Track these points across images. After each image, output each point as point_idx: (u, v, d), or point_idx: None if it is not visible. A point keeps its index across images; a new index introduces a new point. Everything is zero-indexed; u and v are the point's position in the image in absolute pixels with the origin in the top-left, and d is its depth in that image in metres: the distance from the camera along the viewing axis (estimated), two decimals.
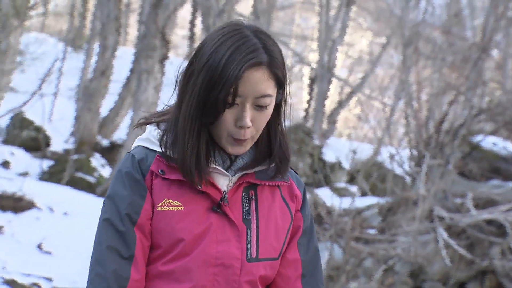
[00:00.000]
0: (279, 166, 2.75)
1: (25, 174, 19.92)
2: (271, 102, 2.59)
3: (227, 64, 2.47)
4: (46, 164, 21.61)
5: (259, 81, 2.51)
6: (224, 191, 2.68)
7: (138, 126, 2.89)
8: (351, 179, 23.36)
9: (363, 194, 20.07)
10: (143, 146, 2.74)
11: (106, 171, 21.51)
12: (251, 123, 2.55)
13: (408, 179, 18.76)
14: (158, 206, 2.65)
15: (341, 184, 23.26)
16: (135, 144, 2.84)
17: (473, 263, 14.71)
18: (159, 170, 2.68)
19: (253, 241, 2.73)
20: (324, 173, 22.50)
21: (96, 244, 2.69)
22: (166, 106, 2.89)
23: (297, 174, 3.03)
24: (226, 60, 2.47)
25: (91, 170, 21.20)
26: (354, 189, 21.48)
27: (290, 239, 2.90)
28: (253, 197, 2.77)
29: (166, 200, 2.65)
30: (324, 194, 19.06)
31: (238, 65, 2.46)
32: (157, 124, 2.79)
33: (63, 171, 20.45)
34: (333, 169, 24.43)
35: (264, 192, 2.79)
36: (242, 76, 2.45)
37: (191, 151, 2.58)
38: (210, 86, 2.50)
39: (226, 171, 2.71)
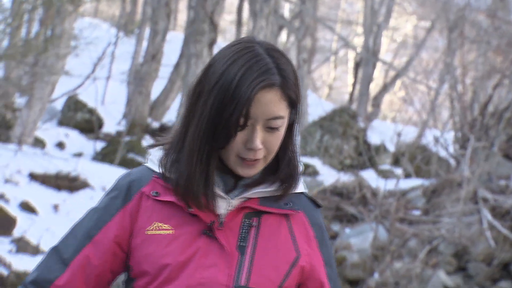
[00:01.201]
0: (283, 186, 2.61)
1: (79, 154, 20.33)
2: (282, 124, 2.47)
3: (239, 85, 2.39)
4: (99, 145, 21.95)
5: (271, 102, 2.42)
6: (220, 215, 2.54)
7: (150, 147, 2.73)
8: (396, 162, 23.80)
9: (408, 176, 20.02)
10: (147, 166, 2.63)
11: None
12: (262, 145, 2.46)
13: (452, 161, 18.67)
14: (148, 230, 2.55)
15: (386, 167, 23.72)
16: (148, 161, 2.70)
17: None
18: (153, 192, 2.57)
19: (244, 269, 2.59)
20: (368, 156, 22.67)
21: (53, 246, 2.60)
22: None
23: (318, 204, 2.83)
24: (238, 81, 2.39)
25: (142, 151, 20.85)
26: (398, 171, 21.61)
27: (317, 286, 2.71)
28: (255, 224, 2.64)
29: (155, 224, 2.56)
30: (369, 176, 19.45)
31: (250, 87, 2.37)
32: (162, 145, 2.66)
33: (115, 152, 20.75)
34: (378, 151, 24.50)
35: (269, 220, 2.64)
36: (254, 97, 2.38)
37: (199, 176, 2.45)
38: (222, 108, 2.41)
39: (228, 193, 2.57)
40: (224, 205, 2.48)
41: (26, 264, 12.49)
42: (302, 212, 2.63)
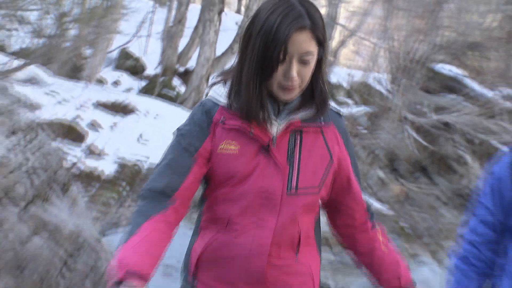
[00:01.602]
0: (319, 109, 2.63)
1: (129, 90, 20.79)
2: (312, 58, 2.48)
3: (278, 29, 2.39)
4: (143, 83, 22.57)
5: (303, 41, 2.41)
6: (273, 136, 2.59)
7: (212, 85, 2.81)
8: (348, 95, 24.34)
9: (356, 104, 21.43)
10: (211, 99, 2.68)
11: (182, 89, 21.75)
12: (297, 75, 2.46)
13: (387, 94, 18.36)
14: (219, 149, 2.59)
15: (342, 98, 24.19)
16: (207, 96, 2.81)
17: (431, 151, 15.40)
18: (221, 118, 2.62)
19: (293, 177, 2.63)
20: (330, 91, 22.73)
21: (161, 159, 2.72)
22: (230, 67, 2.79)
23: (339, 113, 2.89)
24: (277, 26, 2.39)
25: (172, 88, 21.85)
26: (350, 101, 23.32)
27: (344, 176, 2.80)
28: (298, 139, 2.66)
29: (226, 141, 2.59)
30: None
31: (287, 29, 2.38)
32: (224, 82, 2.70)
33: (154, 88, 21.12)
34: (337, 88, 25.56)
35: (308, 136, 2.66)
36: (290, 37, 2.38)
37: (256, 101, 2.50)
38: (266, 47, 2.42)
39: (276, 118, 2.63)
40: (275, 128, 2.54)
41: (94, 163, 12.62)
42: (332, 123, 2.69)
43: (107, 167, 12.64)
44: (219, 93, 2.61)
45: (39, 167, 5.57)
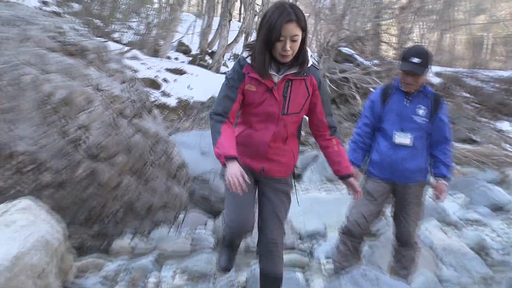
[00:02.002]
0: (301, 67, 2.95)
1: (183, 62, 20.25)
2: (298, 38, 2.81)
3: (276, 21, 2.75)
4: (189, 58, 21.38)
5: (291, 28, 2.76)
6: (275, 82, 2.96)
7: (244, 50, 3.08)
8: None
9: None
10: (243, 58, 3.00)
11: (209, 61, 21.10)
12: (289, 48, 2.81)
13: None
14: (246, 88, 2.99)
15: None
16: (242, 56, 3.06)
17: (339, 93, 17.20)
18: (246, 71, 2.97)
19: (285, 106, 3.02)
20: None
21: (219, 93, 3.06)
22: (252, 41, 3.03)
23: (318, 69, 3.14)
24: (276, 20, 2.75)
25: (205, 61, 21.09)
26: None
27: (316, 106, 3.14)
28: (290, 85, 3.00)
29: (249, 85, 2.99)
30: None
31: (282, 22, 2.74)
32: (250, 50, 3.01)
33: (195, 61, 20.68)
34: None
35: (296, 83, 3.01)
36: (283, 26, 2.74)
37: (264, 61, 2.87)
38: (270, 32, 2.78)
39: (278, 72, 2.94)
40: (276, 78, 2.93)
41: (165, 99, 15.19)
42: (311, 74, 3.04)
43: (171, 101, 15.69)
44: (246, 56, 3.00)
45: (136, 100, 6.24)
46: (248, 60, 2.98)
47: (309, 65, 3.02)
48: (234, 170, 2.80)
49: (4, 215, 3.37)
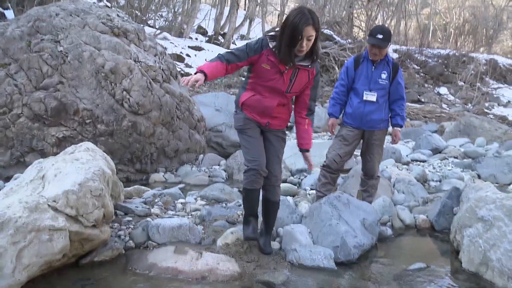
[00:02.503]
0: (313, 61, 2.88)
1: (201, 41, 19.19)
2: (313, 38, 2.72)
3: (298, 24, 2.65)
4: (206, 38, 20.33)
5: (309, 30, 2.66)
6: (286, 68, 2.87)
7: (267, 36, 2.93)
8: None
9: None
10: (266, 41, 2.88)
11: (222, 40, 20.38)
12: (306, 45, 2.72)
13: None
14: (262, 65, 2.89)
15: None
16: (265, 37, 2.94)
17: (321, 65, 18.74)
18: (266, 53, 2.86)
19: (290, 87, 2.95)
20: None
21: (234, 48, 3.01)
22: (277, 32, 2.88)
23: (318, 65, 3.00)
24: (297, 23, 2.65)
25: (218, 40, 20.36)
26: None
27: (306, 89, 3.07)
28: (297, 72, 2.91)
29: (265, 64, 2.88)
30: None
31: (302, 25, 2.64)
32: (274, 37, 2.88)
33: (211, 40, 19.85)
34: None
35: (301, 71, 2.91)
36: (303, 29, 2.64)
37: (291, 55, 2.78)
38: (294, 32, 2.69)
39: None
40: (288, 66, 2.85)
41: (189, 70, 14.82)
42: (314, 67, 2.96)
43: (193, 71, 13.49)
44: (269, 41, 2.87)
45: (165, 68, 6.35)
46: (271, 45, 2.86)
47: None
48: (194, 76, 2.72)
49: (73, 153, 3.47)
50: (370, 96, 4.18)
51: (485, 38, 26.19)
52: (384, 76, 4.20)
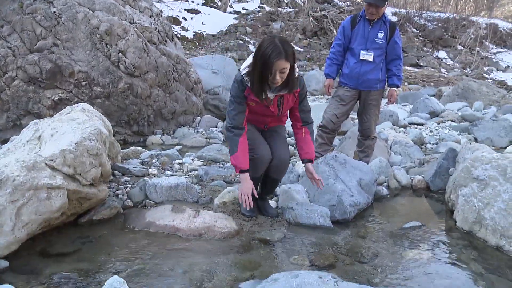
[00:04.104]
0: (292, 87, 2.78)
1: (197, 4, 19.01)
2: (286, 70, 2.60)
3: (268, 58, 2.53)
4: (203, 2, 19.76)
5: (281, 64, 2.55)
6: (271, 100, 2.83)
7: (244, 72, 2.77)
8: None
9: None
10: (244, 82, 2.78)
11: (219, 4, 19.94)
12: (280, 78, 2.62)
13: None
14: (249, 104, 2.86)
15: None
16: (241, 77, 2.80)
17: (320, 27, 18.61)
18: (248, 94, 2.80)
19: (280, 112, 2.95)
20: None
21: (229, 109, 2.87)
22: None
23: (302, 79, 2.93)
24: (268, 56, 2.53)
25: (215, 3, 19.93)
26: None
27: (296, 104, 3.00)
28: (282, 98, 2.88)
29: (251, 102, 2.84)
30: None
31: (272, 59, 2.53)
32: (249, 74, 2.74)
33: (208, 4, 19.49)
34: None
35: (286, 96, 2.87)
36: (273, 63, 2.54)
37: (262, 91, 2.71)
38: (263, 68, 2.58)
39: (272, 92, 2.78)
40: (271, 96, 2.79)
41: (185, 33, 15.03)
42: (298, 87, 2.88)
43: (189, 35, 15.52)
44: (245, 80, 2.77)
45: (161, 30, 6.37)
46: (248, 84, 2.77)
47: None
48: (246, 186, 2.79)
49: (69, 114, 3.46)
50: (367, 56, 4.14)
51: (486, 1, 25.99)
52: (381, 35, 4.15)
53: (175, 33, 12.94)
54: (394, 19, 19.73)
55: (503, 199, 3.05)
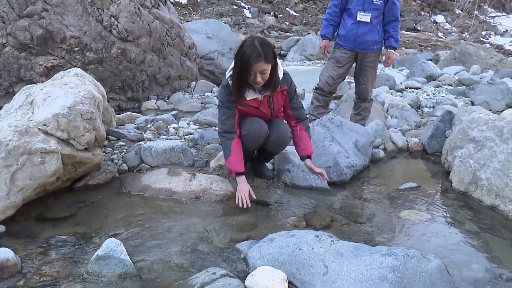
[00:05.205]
0: (274, 87, 2.71)
1: None
2: (267, 71, 2.57)
3: (248, 61, 2.50)
4: None
5: (260, 66, 2.51)
6: (260, 101, 2.80)
7: (228, 75, 2.72)
8: None
9: None
10: (229, 87, 2.73)
11: None
12: (261, 79, 2.57)
13: None
14: (239, 107, 2.80)
15: None
16: (226, 82, 2.75)
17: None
18: (234, 98, 2.73)
19: (272, 111, 2.89)
20: None
21: (220, 115, 2.85)
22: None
23: (289, 76, 2.87)
24: (247, 59, 2.49)
25: None
26: None
27: (287, 104, 2.95)
28: (271, 97, 2.83)
29: (239, 106, 2.79)
30: None
31: (251, 62, 2.49)
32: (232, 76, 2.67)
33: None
34: None
35: (275, 95, 2.83)
36: (252, 66, 2.50)
37: (240, 92, 2.68)
38: (242, 70, 2.56)
39: (260, 93, 2.76)
40: (260, 97, 2.77)
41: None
42: (285, 84, 2.84)
43: (183, 0, 15.77)
44: (231, 84, 2.72)
45: None
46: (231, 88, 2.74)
47: (281, 77, 2.78)
48: (243, 188, 2.73)
49: (62, 78, 3.40)
50: (364, 17, 4.06)
51: None
52: None
53: None
54: None
55: (499, 159, 3.05)
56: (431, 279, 1.85)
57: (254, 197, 2.78)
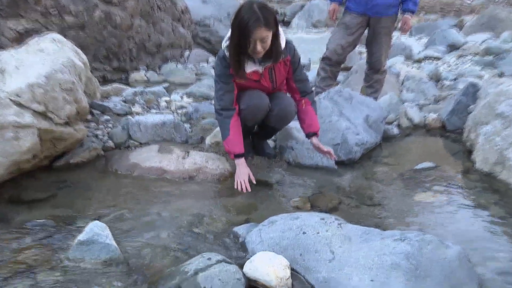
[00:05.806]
0: (276, 57, 2.70)
1: None
2: (268, 38, 2.54)
3: (246, 27, 2.47)
4: None
5: (260, 32, 2.48)
6: (261, 73, 2.79)
7: (225, 45, 2.71)
8: None
9: None
10: (226, 59, 2.72)
11: None
12: (261, 48, 2.56)
13: None
14: (237, 81, 2.79)
15: None
16: (223, 54, 2.75)
17: None
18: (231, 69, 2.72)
19: (274, 85, 2.88)
20: None
21: (216, 90, 2.84)
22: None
23: (292, 45, 2.86)
24: (245, 25, 2.46)
25: None
26: None
27: (289, 73, 2.93)
28: (273, 69, 2.82)
29: (238, 80, 2.78)
30: None
31: (250, 28, 2.46)
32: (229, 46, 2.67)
33: None
34: None
35: (277, 66, 2.82)
36: (252, 32, 2.47)
37: (240, 64, 2.68)
38: (241, 37, 2.53)
39: (259, 64, 2.75)
40: (260, 69, 2.75)
41: None
42: (288, 54, 2.82)
43: None
44: (227, 56, 2.71)
45: None
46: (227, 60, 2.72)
47: (283, 47, 2.75)
48: (242, 172, 2.73)
49: (37, 44, 3.28)
50: None
51: None
52: None
53: None
54: None
55: None
56: (450, 267, 1.81)
57: (254, 182, 2.77)
